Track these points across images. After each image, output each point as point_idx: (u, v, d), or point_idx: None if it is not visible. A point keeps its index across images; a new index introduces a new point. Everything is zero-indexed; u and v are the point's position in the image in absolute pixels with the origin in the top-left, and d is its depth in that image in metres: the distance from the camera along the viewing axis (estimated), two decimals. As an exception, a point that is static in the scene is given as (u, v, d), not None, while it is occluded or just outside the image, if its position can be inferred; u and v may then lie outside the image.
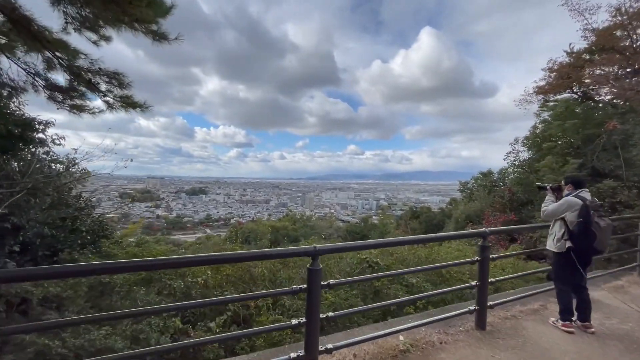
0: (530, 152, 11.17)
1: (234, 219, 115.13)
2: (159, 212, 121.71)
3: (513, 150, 12.19)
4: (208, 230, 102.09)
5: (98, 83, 4.82)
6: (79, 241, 6.95)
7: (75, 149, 7.76)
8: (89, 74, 4.63)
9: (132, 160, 7.78)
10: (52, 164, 6.89)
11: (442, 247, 13.75)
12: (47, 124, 5.78)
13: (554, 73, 16.95)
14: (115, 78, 4.84)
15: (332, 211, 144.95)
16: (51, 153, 6.42)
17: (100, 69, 4.62)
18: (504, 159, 12.72)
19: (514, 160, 11.38)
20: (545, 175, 9.11)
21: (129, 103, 5.07)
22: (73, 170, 7.59)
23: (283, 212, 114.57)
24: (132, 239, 9.57)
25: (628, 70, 11.21)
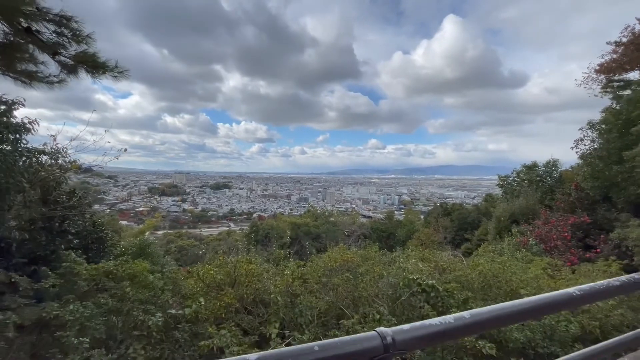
0: (602, 140, 9.08)
1: (257, 213, 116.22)
2: (186, 206, 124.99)
3: (585, 137, 10.05)
4: (232, 224, 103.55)
5: (39, 32, 3.51)
6: (63, 246, 5.85)
7: (71, 139, 6.72)
8: (29, 20, 3.34)
9: (126, 150, 6.65)
10: (30, 155, 5.78)
11: (482, 254, 11.87)
12: (14, 104, 4.64)
13: (622, 47, 14.40)
14: (66, 25, 3.52)
15: (354, 206, 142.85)
16: (24, 141, 5.30)
17: (39, 9, 3.28)
18: (572, 148, 10.63)
19: (589, 149, 9.31)
20: (637, 165, 7.12)
21: (91, 64, 3.77)
22: (61, 162, 6.49)
23: (304, 206, 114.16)
24: (141, 237, 8.53)
25: None
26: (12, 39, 3.39)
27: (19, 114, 4.88)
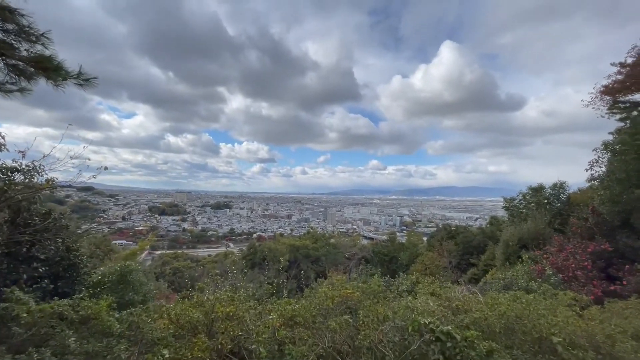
0: (618, 162, 8.54)
1: (257, 233, 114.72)
2: (186, 225, 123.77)
3: (600, 158, 9.51)
4: (231, 245, 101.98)
5: None
6: (26, 275, 5.21)
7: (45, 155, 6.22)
8: None
9: (106, 168, 6.11)
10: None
11: (491, 282, 11.07)
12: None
13: (626, 69, 14.19)
14: (12, 20, 3.03)
15: (355, 227, 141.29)
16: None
17: None
18: (587, 170, 10.08)
19: (605, 172, 8.74)
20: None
21: (47, 67, 3.29)
22: (35, 180, 5.94)
23: (305, 227, 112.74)
24: (122, 263, 7.83)
25: None
26: None
27: (23, 131, 4.38)
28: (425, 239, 34.84)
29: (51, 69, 3.25)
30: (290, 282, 19.99)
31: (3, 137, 4.58)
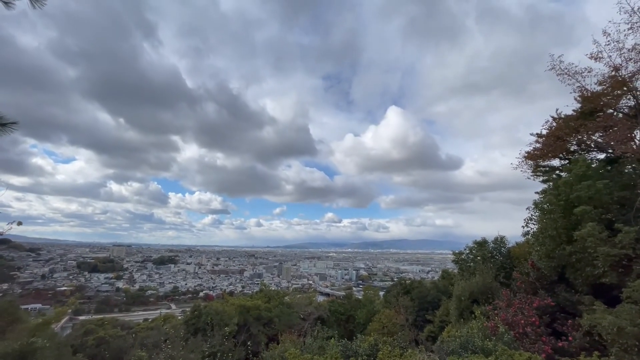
0: (547, 220, 9.48)
1: (204, 291, 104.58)
2: (120, 284, 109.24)
3: (532, 216, 10.51)
4: (173, 306, 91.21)
5: None
6: None
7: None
8: None
9: (20, 224, 5.24)
10: None
11: (447, 341, 10.90)
12: None
13: (542, 139, 16.64)
14: None
15: (311, 282, 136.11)
16: None
17: None
18: (523, 227, 11.02)
19: (539, 230, 9.59)
20: (589, 246, 7.23)
21: None
22: None
23: (258, 283, 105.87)
24: (23, 342, 6.31)
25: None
26: None
27: None
28: (381, 293, 34.35)
29: None
30: (238, 350, 17.84)
31: None
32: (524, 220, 11.01)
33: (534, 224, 10.71)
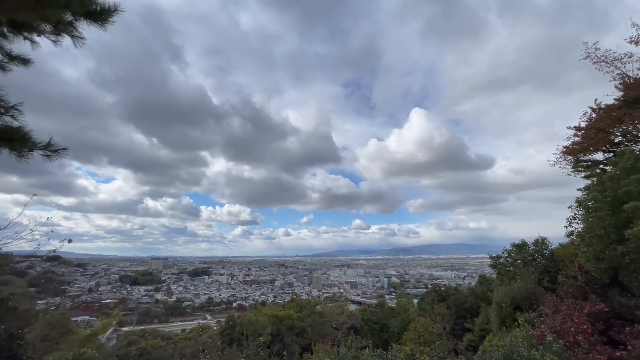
0: (594, 218, 8.77)
1: (237, 302, 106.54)
2: (159, 296, 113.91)
3: (576, 215, 9.78)
4: (208, 316, 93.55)
5: None
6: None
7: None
8: None
9: (70, 241, 5.64)
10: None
11: (490, 350, 10.32)
12: None
13: (582, 132, 15.59)
14: None
15: (342, 290, 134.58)
16: None
17: None
18: (566, 227, 10.30)
19: (585, 229, 8.86)
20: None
21: (12, 139, 3.13)
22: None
23: (289, 292, 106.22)
24: (75, 353, 6.75)
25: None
26: None
27: None
28: (415, 301, 33.30)
29: (16, 140, 3.12)
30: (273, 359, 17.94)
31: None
32: (567, 219, 10.30)
33: (578, 223, 9.98)
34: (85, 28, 3.21)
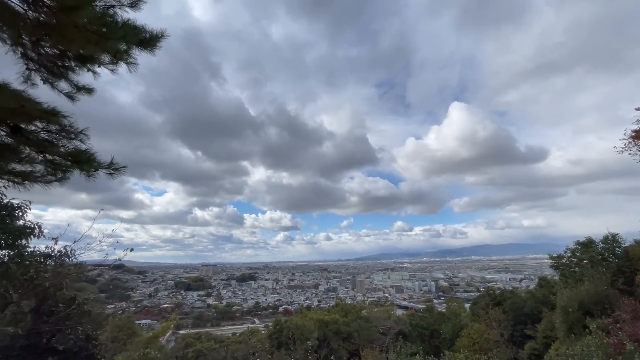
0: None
1: (283, 306, 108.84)
2: (210, 300, 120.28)
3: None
4: (256, 320, 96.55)
5: (27, 129, 3.38)
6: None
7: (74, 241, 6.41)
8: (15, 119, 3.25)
9: (131, 250, 6.15)
10: (30, 259, 5.37)
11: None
12: (16, 208, 4.43)
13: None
14: (55, 121, 3.39)
15: (387, 295, 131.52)
16: (29, 246, 4.97)
17: (24, 106, 3.20)
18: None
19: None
20: None
21: (81, 160, 3.54)
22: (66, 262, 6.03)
23: (333, 297, 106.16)
24: (141, 353, 7.35)
25: None
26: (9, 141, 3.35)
27: (65, 214, 4.63)
28: (467, 306, 31.51)
29: (84, 162, 3.53)
30: (321, 364, 17.98)
31: (39, 227, 4.78)
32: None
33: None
34: (138, 54, 3.56)
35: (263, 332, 33.05)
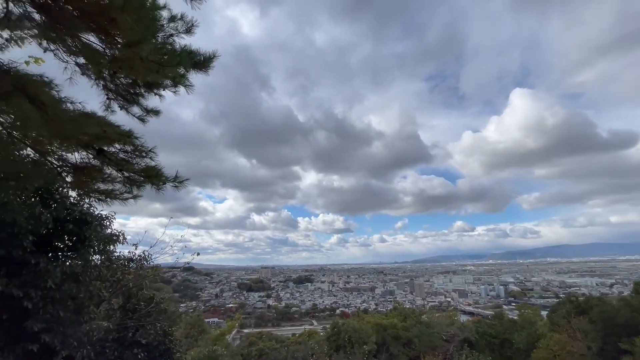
0: None
1: (339, 309, 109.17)
2: (270, 301, 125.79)
3: None
4: (314, 322, 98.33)
5: (108, 151, 3.93)
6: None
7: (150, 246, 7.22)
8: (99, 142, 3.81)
9: (198, 254, 6.71)
10: (117, 263, 6.18)
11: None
12: (104, 218, 5.16)
13: None
14: (130, 142, 3.90)
15: (449, 299, 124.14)
16: (115, 251, 5.75)
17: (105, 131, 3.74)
18: None
19: None
20: None
21: (151, 175, 4.01)
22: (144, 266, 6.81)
23: (390, 300, 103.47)
24: (210, 349, 7.98)
25: None
26: (87, 162, 3.98)
27: (144, 222, 5.33)
28: (544, 313, 28.35)
29: (154, 177, 4.00)
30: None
31: (123, 234, 5.49)
32: None
33: None
34: (194, 76, 3.95)
35: (321, 333, 33.47)
